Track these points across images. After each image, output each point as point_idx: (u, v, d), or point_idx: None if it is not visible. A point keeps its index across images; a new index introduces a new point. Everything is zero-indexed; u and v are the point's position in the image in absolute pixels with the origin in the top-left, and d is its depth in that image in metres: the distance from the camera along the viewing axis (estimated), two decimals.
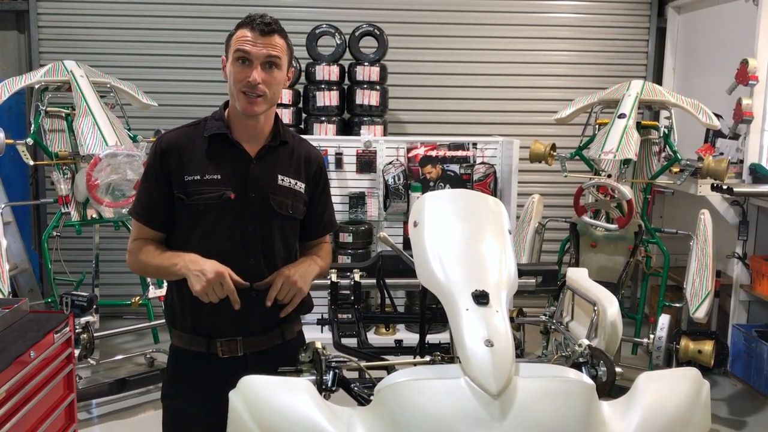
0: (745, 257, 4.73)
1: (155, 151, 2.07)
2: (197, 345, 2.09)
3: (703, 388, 1.82)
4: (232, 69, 2.01)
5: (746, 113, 4.60)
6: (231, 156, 2.07)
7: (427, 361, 2.01)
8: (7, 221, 4.86)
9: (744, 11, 5.00)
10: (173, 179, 2.04)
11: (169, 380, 2.19)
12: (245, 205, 2.05)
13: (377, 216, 5.33)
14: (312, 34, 5.40)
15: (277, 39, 2.01)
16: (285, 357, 2.12)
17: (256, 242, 2.07)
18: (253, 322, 2.08)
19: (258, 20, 1.98)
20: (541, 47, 6.10)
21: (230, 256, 2.02)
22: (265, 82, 1.99)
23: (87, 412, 4.15)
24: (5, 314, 2.93)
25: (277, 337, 2.15)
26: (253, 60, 1.98)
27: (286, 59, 2.06)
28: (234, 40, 2.01)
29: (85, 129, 4.22)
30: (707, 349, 4.09)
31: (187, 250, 2.03)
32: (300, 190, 2.15)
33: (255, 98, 2.00)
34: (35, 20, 5.81)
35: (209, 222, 2.03)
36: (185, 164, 2.04)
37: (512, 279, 1.96)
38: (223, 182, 2.03)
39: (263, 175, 2.08)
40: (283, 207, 2.10)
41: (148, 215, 2.08)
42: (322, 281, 3.31)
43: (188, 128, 2.12)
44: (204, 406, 2.10)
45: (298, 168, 2.16)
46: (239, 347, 2.08)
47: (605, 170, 4.51)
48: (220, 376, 2.06)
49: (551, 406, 1.60)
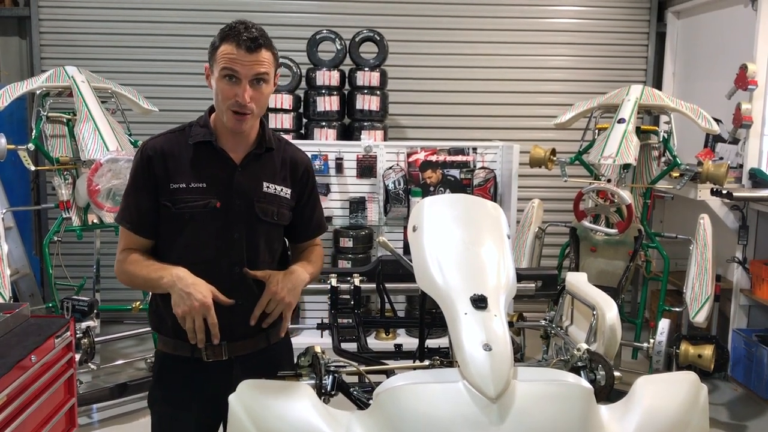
0: (745, 262, 4.73)
1: (141, 157, 2.05)
2: (182, 349, 2.06)
3: (701, 391, 1.83)
4: (219, 86, 1.98)
5: (746, 118, 4.61)
6: (216, 163, 2.05)
7: (426, 366, 2.01)
8: (9, 226, 4.88)
9: (743, 16, 5.01)
10: (159, 186, 2.02)
11: (156, 385, 2.17)
12: (230, 213, 2.03)
13: (377, 221, 5.34)
14: (312, 39, 5.41)
15: (264, 54, 1.96)
16: (270, 360, 2.12)
17: (241, 249, 2.05)
18: (239, 327, 2.06)
19: (244, 35, 1.93)
20: (541, 52, 6.11)
21: (215, 264, 2.02)
22: (253, 99, 1.97)
23: (87, 417, 4.15)
24: (6, 319, 2.94)
25: (263, 340, 2.13)
26: (242, 79, 1.95)
27: (273, 70, 2.03)
28: (219, 55, 1.96)
29: (87, 134, 4.23)
30: (707, 354, 4.09)
31: (171, 258, 2.01)
32: (285, 196, 2.13)
33: (243, 116, 1.98)
34: (37, 26, 5.83)
35: (194, 230, 2.01)
36: (171, 172, 2.02)
37: (511, 283, 1.97)
38: (209, 190, 2.02)
39: (248, 183, 2.06)
40: (268, 214, 2.08)
41: (140, 223, 2.04)
42: (321, 286, 3.32)
43: (173, 134, 2.10)
44: (191, 410, 2.09)
45: (284, 173, 2.15)
46: (224, 351, 2.06)
47: (605, 175, 4.52)
48: (206, 381, 2.07)
49: (549, 409, 1.61)
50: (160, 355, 2.16)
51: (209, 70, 2.03)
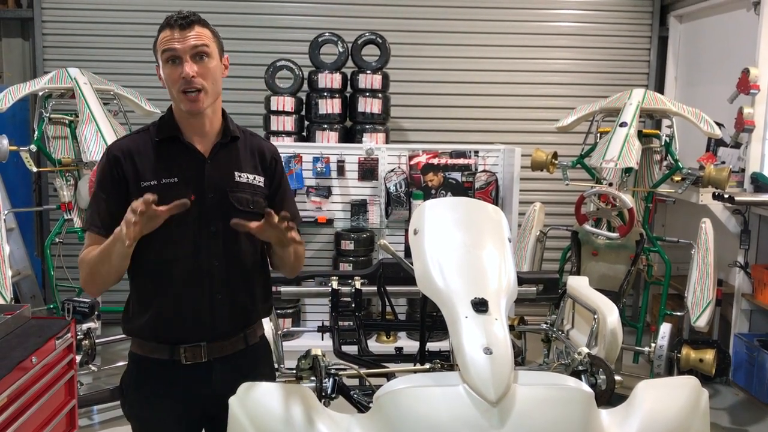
0: (747, 266, 4.73)
1: (108, 159, 2.02)
2: (159, 352, 2.03)
3: (702, 396, 1.82)
4: (164, 72, 1.97)
5: (748, 122, 4.61)
6: (184, 158, 2.03)
7: (427, 369, 2.01)
8: (10, 228, 4.88)
9: (745, 21, 5.01)
10: (130, 186, 1.99)
11: (133, 390, 2.10)
12: (205, 206, 2.01)
13: (379, 223, 5.34)
14: (315, 42, 5.42)
15: (198, 29, 1.97)
16: (248, 362, 2.11)
17: (219, 242, 2.02)
18: (218, 327, 2.04)
19: (175, 17, 1.96)
20: (543, 56, 6.11)
21: (195, 259, 2.00)
22: (199, 74, 1.95)
23: (88, 419, 4.15)
24: (7, 320, 2.94)
25: (240, 341, 2.10)
26: (182, 55, 1.94)
27: (216, 47, 2.01)
28: (158, 43, 1.98)
29: (88, 136, 4.24)
30: (708, 358, 4.08)
31: (149, 256, 1.98)
32: (259, 184, 2.10)
33: (195, 94, 1.95)
34: (40, 28, 5.85)
35: (170, 227, 1.94)
36: (140, 170, 2.00)
37: (512, 287, 1.97)
38: (181, 185, 1.99)
39: (220, 174, 2.04)
40: (243, 203, 2.05)
41: (109, 227, 1.93)
42: (322, 288, 3.33)
43: (137, 134, 2.08)
44: (171, 413, 2.06)
45: (254, 162, 2.12)
46: (203, 353, 2.03)
47: (607, 179, 4.52)
48: (184, 383, 2.04)
49: (550, 413, 1.60)
50: (135, 358, 2.11)
51: (158, 68, 2.02)
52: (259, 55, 5.80)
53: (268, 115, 5.39)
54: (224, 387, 1.94)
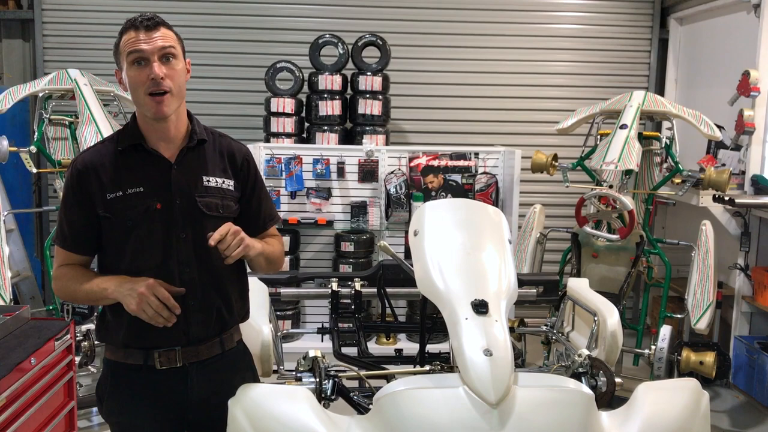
0: (747, 268, 4.72)
1: (72, 174, 2.00)
2: (133, 358, 2.01)
3: (702, 398, 1.82)
4: (129, 75, 1.94)
5: (748, 124, 4.61)
6: (150, 165, 2.00)
7: (427, 371, 2.01)
8: (10, 228, 4.87)
9: (746, 23, 5.01)
10: (96, 200, 1.97)
11: (110, 396, 2.07)
12: (173, 213, 1.98)
13: (379, 225, 5.33)
14: (315, 43, 5.42)
15: (164, 30, 1.96)
16: (225, 367, 2.08)
17: (189, 248, 1.99)
18: (192, 332, 2.01)
19: (140, 19, 1.94)
20: (544, 58, 6.11)
21: (167, 268, 1.97)
22: (167, 75, 1.92)
23: (87, 420, 4.15)
24: (6, 321, 2.94)
25: (216, 346, 2.07)
26: (149, 56, 1.91)
27: (180, 49, 2.00)
28: (122, 46, 1.94)
29: (88, 137, 4.23)
30: (709, 361, 4.07)
31: (121, 268, 1.97)
32: (229, 188, 2.06)
33: (162, 96, 1.92)
34: (40, 29, 5.85)
35: (140, 236, 1.96)
36: (105, 182, 1.97)
37: (512, 288, 1.96)
38: (147, 194, 1.97)
39: (186, 179, 2.00)
40: (213, 208, 2.02)
41: (74, 242, 2.01)
42: (322, 290, 3.33)
43: (101, 145, 2.06)
44: (149, 419, 2.04)
45: (223, 165, 2.08)
46: (178, 357, 2.00)
47: (607, 181, 4.52)
48: (161, 388, 2.01)
49: (549, 415, 1.60)
50: (110, 364, 2.09)
51: (119, 73, 1.99)
52: (259, 56, 5.81)
53: (268, 116, 5.39)
54: (202, 392, 1.93)
